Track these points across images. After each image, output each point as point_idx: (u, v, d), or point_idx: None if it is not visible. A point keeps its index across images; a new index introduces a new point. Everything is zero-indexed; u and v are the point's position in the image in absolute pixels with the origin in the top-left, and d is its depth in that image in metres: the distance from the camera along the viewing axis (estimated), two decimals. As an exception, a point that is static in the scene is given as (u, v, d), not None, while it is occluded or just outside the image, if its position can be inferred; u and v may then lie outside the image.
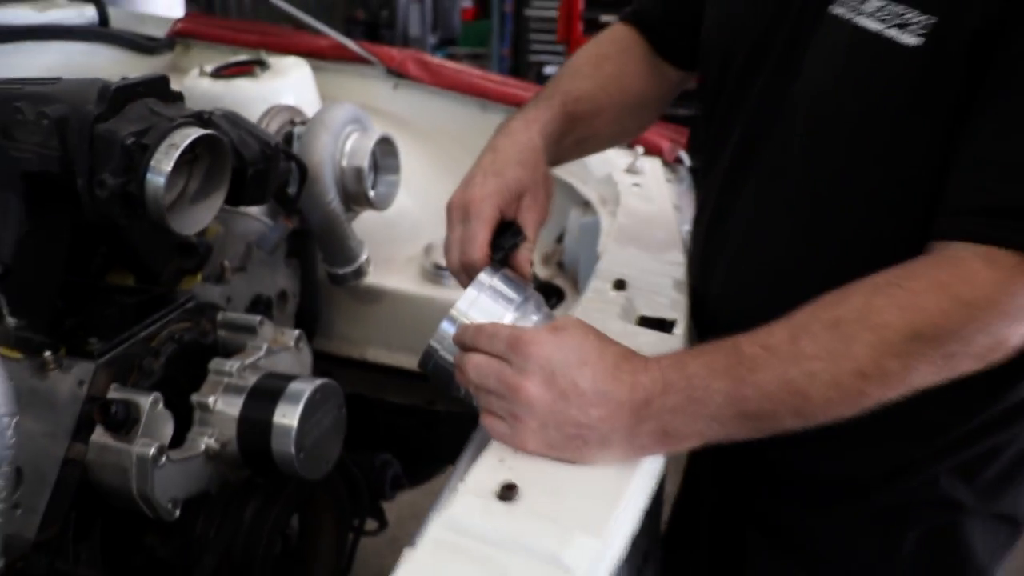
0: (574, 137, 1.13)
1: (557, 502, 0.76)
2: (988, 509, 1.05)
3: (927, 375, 0.78)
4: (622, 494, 0.78)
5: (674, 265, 1.23)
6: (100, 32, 2.23)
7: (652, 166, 1.67)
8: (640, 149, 1.66)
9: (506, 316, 0.91)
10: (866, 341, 0.75)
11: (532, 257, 1.01)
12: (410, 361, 1.38)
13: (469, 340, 0.85)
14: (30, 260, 1.08)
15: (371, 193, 1.56)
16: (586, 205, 1.73)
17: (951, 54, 0.80)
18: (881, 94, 0.86)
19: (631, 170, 1.62)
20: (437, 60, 2.16)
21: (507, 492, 0.75)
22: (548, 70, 6.25)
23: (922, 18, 0.81)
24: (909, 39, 0.82)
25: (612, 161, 1.67)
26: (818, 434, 1.01)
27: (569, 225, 1.75)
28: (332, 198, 1.50)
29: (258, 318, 1.27)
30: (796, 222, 0.95)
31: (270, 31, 2.32)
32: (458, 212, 0.99)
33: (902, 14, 0.82)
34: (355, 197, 1.55)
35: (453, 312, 0.92)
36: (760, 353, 0.77)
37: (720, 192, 1.08)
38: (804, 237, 0.95)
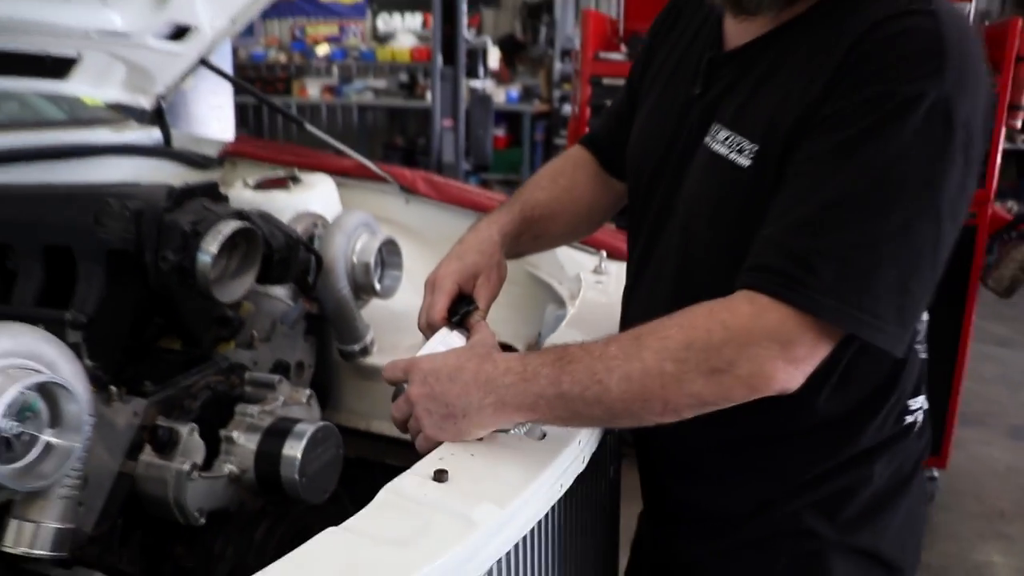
0: (530, 235, 1.46)
1: (477, 486, 1.04)
2: (848, 543, 1.21)
3: (700, 385, 0.99)
4: (527, 485, 1.06)
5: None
6: (164, 150, 2.63)
7: (616, 268, 1.98)
8: (604, 253, 1.98)
9: None
10: (652, 347, 1.01)
11: (484, 321, 1.32)
12: (408, 432, 1.68)
13: (387, 376, 1.17)
14: (106, 317, 1.42)
15: (377, 285, 1.90)
16: (561, 302, 2.04)
17: (769, 172, 1.08)
18: (726, 201, 1.14)
19: (597, 271, 1.93)
20: (443, 179, 2.52)
21: (440, 475, 1.03)
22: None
23: (751, 146, 1.10)
24: (744, 161, 1.10)
25: (582, 263, 1.99)
26: (705, 474, 1.29)
27: (546, 318, 2.06)
28: (343, 286, 1.84)
29: (277, 377, 1.58)
30: (675, 299, 1.16)
31: (304, 152, 2.70)
32: (428, 286, 1.32)
33: (740, 143, 1.11)
34: (363, 287, 1.89)
35: None
36: (579, 352, 1.05)
37: (633, 277, 1.38)
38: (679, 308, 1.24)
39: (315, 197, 2.13)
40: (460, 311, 1.30)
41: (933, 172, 0.98)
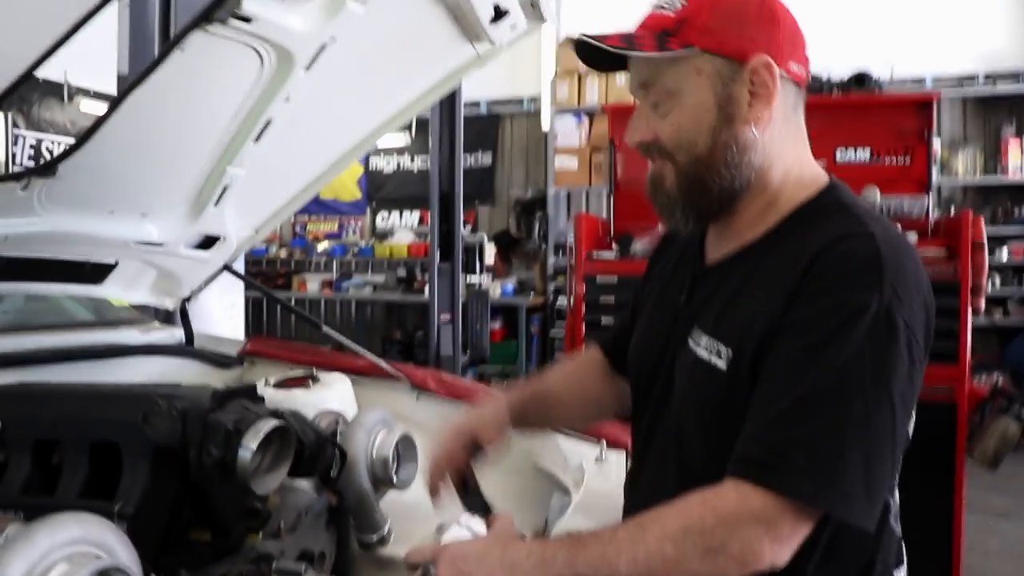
0: (538, 410, 1.66)
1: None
2: None
3: (697, 564, 1.12)
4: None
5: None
6: (187, 350, 2.80)
7: (616, 456, 2.11)
8: (604, 442, 2.12)
9: None
10: (654, 532, 1.14)
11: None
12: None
13: (413, 559, 1.28)
14: (148, 509, 1.53)
15: (394, 478, 2.01)
16: (566, 490, 2.16)
17: (744, 373, 1.24)
18: (709, 398, 1.29)
19: (598, 459, 2.06)
20: (451, 377, 2.68)
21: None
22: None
23: (727, 349, 1.27)
24: (721, 364, 1.27)
25: (585, 454, 2.12)
26: None
27: (552, 506, 2.16)
28: (364, 480, 1.95)
29: (303, 566, 1.67)
30: (677, 487, 1.28)
31: (319, 352, 2.86)
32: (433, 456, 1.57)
33: (718, 347, 1.29)
34: (382, 480, 2.00)
35: None
36: (591, 538, 1.18)
37: (637, 467, 1.51)
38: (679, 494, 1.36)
39: (333, 395, 2.27)
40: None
41: (883, 367, 1.16)
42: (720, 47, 1.27)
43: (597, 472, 2.00)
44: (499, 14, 1.94)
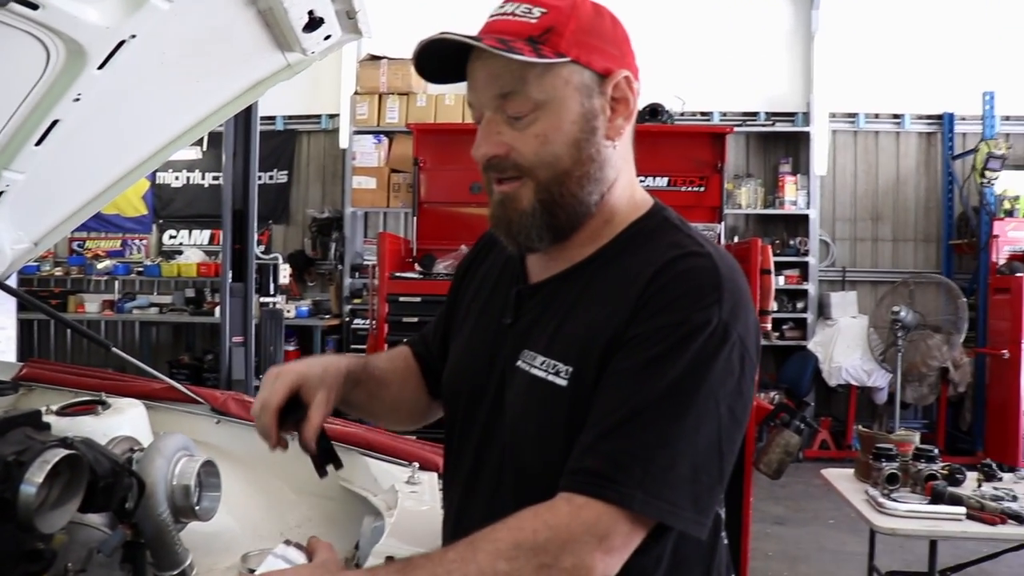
0: (366, 389, 1.54)
1: None
2: None
3: None
4: None
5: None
6: (-49, 376, 2.52)
7: (429, 477, 2.07)
8: (416, 464, 2.07)
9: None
10: (486, 550, 1.11)
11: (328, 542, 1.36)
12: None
13: None
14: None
15: (196, 507, 1.88)
16: (378, 513, 2.09)
17: (586, 389, 1.23)
18: (548, 417, 1.27)
19: (410, 481, 2.01)
20: (253, 399, 2.54)
21: None
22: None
23: (566, 368, 1.26)
24: (560, 382, 1.26)
25: (396, 475, 2.07)
26: None
27: (363, 530, 2.09)
28: (163, 511, 1.81)
29: (93, 610, 1.53)
30: (515, 508, 1.21)
31: (108, 376, 2.65)
32: (268, 378, 1.40)
33: (555, 365, 1.27)
34: (182, 510, 1.86)
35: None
36: (421, 560, 1.13)
37: (462, 495, 1.45)
38: None
39: (125, 422, 2.10)
40: (291, 417, 1.38)
41: (716, 382, 1.18)
42: (589, 59, 1.27)
43: (410, 493, 1.95)
44: (314, 23, 1.87)
